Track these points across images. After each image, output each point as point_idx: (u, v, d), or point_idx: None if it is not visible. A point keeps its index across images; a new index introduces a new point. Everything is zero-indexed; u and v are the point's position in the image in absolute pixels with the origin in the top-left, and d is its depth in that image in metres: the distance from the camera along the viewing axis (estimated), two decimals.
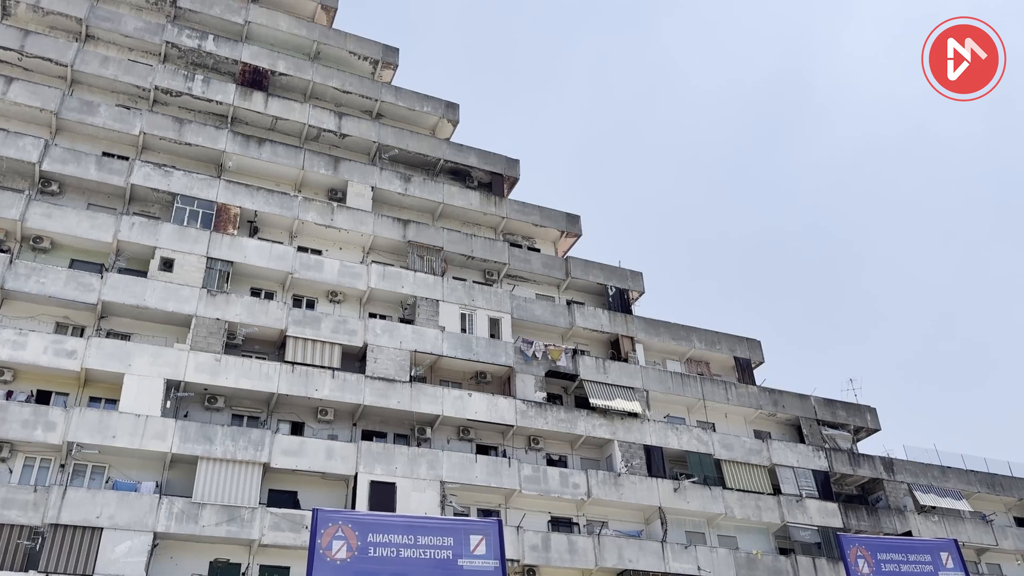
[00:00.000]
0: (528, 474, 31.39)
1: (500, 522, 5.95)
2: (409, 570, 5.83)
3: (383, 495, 28.37)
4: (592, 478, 32.31)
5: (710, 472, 34.86)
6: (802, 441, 38.33)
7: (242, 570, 26.29)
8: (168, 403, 27.90)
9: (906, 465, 39.69)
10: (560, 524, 31.92)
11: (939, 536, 35.40)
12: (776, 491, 35.59)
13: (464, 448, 32.15)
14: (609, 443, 34.12)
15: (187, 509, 25.81)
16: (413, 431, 31.48)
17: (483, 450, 32.52)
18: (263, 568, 26.64)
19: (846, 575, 6.13)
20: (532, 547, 29.51)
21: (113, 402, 27.59)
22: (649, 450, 34.39)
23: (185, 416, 28.36)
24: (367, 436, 30.92)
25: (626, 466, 33.44)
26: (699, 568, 31.53)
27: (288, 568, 26.53)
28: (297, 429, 30.10)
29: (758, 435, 38.21)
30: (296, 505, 27.85)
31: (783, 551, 34.55)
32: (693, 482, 34.02)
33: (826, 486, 36.71)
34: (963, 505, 38.99)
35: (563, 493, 31.62)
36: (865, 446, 41.00)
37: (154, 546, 25.22)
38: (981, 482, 40.98)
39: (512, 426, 32.47)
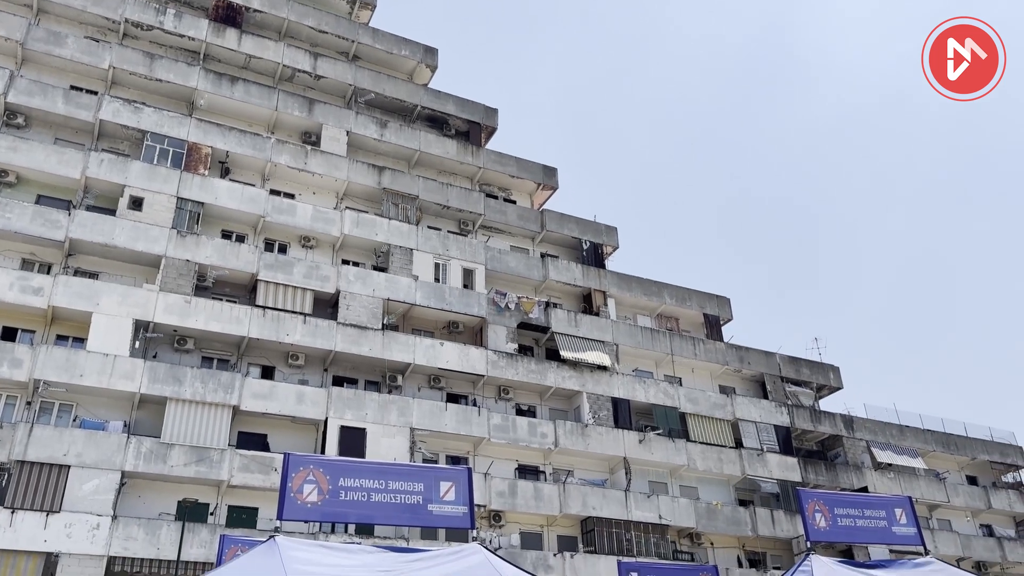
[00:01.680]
0: (497, 423, 31.79)
1: (470, 470, 6.12)
2: (379, 514, 5.98)
3: (353, 440, 28.62)
4: (560, 428, 32.81)
5: (675, 425, 35.54)
6: (766, 397, 39.14)
7: (211, 510, 26.51)
8: (137, 343, 27.70)
9: (865, 423, 40.78)
10: (527, 472, 32.49)
11: (894, 492, 36.60)
12: (738, 445, 36.44)
13: (435, 396, 32.41)
14: (578, 395, 34.60)
15: (155, 449, 25.85)
16: (384, 378, 31.62)
17: (453, 399, 32.82)
18: (232, 508, 26.88)
19: (803, 527, 6.44)
20: (499, 493, 30.07)
21: (81, 341, 27.35)
22: (616, 402, 34.94)
23: (154, 357, 28.22)
24: (338, 382, 31.02)
25: (593, 417, 33.97)
26: (660, 517, 32.34)
27: (257, 509, 26.80)
28: (267, 373, 30.10)
29: (723, 390, 38.95)
30: (266, 448, 28.02)
31: (743, 502, 35.56)
32: (658, 434, 34.69)
33: (787, 441, 37.65)
34: (918, 463, 40.25)
35: (531, 442, 32.11)
36: (827, 403, 42.03)
37: (122, 484, 25.30)
38: (937, 441, 42.28)
39: (483, 376, 32.75)
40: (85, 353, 26.50)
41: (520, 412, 33.99)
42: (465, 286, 34.88)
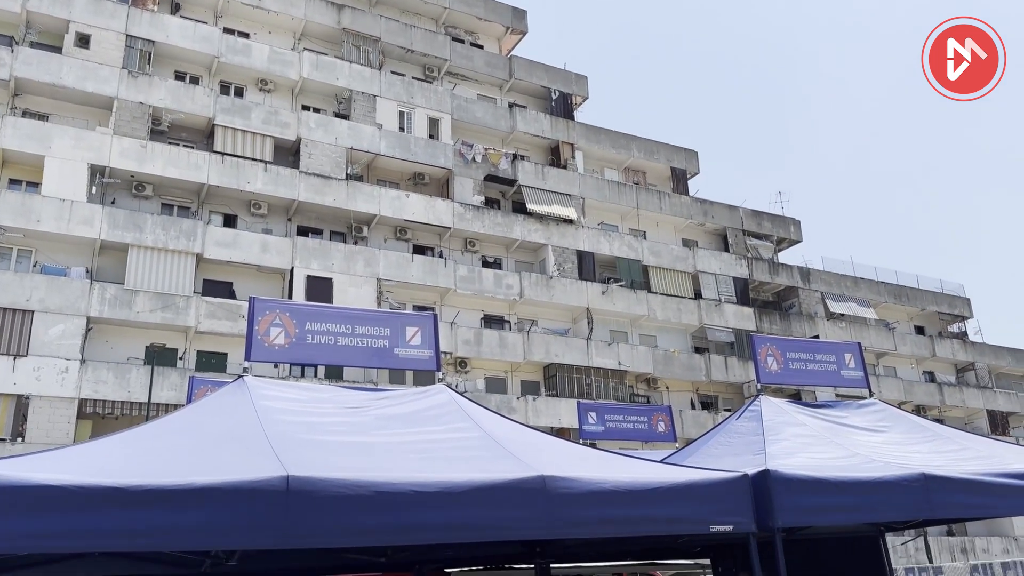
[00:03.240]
0: (463, 274, 32.09)
1: (435, 316, 6.21)
2: (346, 357, 6.09)
3: (320, 289, 28.79)
4: (525, 280, 33.27)
5: (637, 277, 36.24)
6: (727, 250, 39.85)
7: (179, 355, 26.87)
8: (94, 189, 27.03)
9: (821, 275, 41.98)
10: (492, 322, 33.19)
11: (845, 340, 38.24)
12: (697, 296, 37.43)
13: (401, 248, 32.43)
14: (543, 247, 34.86)
15: (120, 295, 25.81)
16: (350, 229, 31.46)
17: (420, 250, 32.88)
18: (200, 354, 27.27)
19: (755, 372, 6.71)
20: (465, 341, 30.81)
21: (35, 185, 26.59)
22: (581, 255, 35.35)
23: (112, 203, 27.63)
24: (303, 232, 30.81)
25: (558, 270, 34.43)
26: (620, 363, 33.56)
27: (226, 355, 27.23)
28: (230, 222, 29.73)
29: (686, 244, 39.53)
30: (232, 295, 28.12)
31: (698, 350, 36.94)
32: (621, 286, 35.40)
33: (744, 293, 38.74)
34: (870, 313, 41.85)
35: (496, 293, 32.60)
36: (786, 256, 43.02)
37: (88, 330, 25.41)
38: (889, 293, 43.86)
39: (449, 228, 32.72)
40: (40, 198, 25.84)
41: (486, 264, 34.28)
42: (431, 136, 34.17)
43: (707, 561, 10.93)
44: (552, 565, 9.16)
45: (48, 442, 22.24)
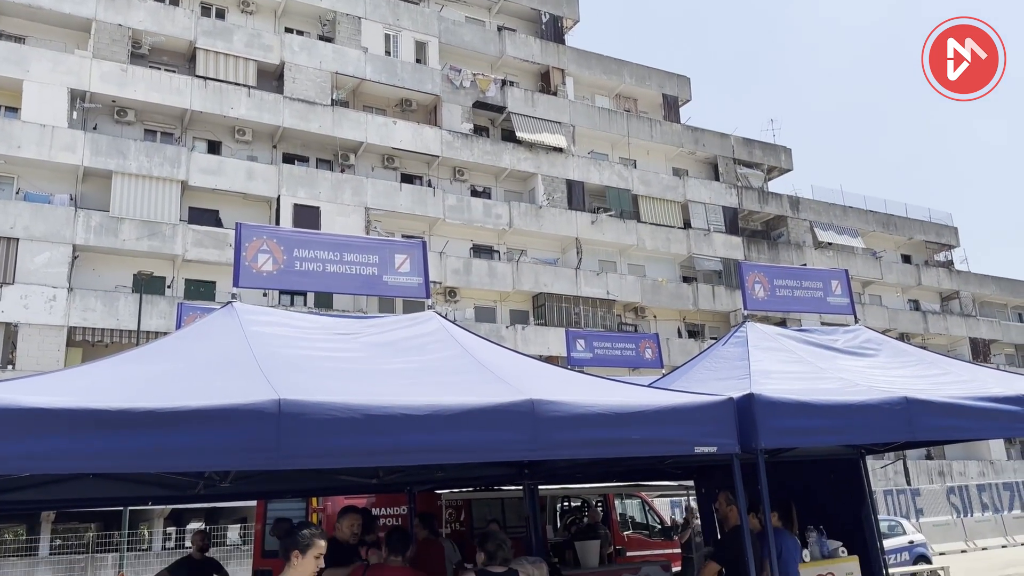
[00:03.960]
0: (452, 204, 31.88)
1: (424, 243, 6.16)
2: (335, 284, 6.05)
3: (307, 218, 28.58)
4: (514, 209, 33.11)
5: (627, 207, 36.11)
6: (717, 179, 39.67)
7: (168, 283, 26.80)
8: (74, 114, 26.49)
9: (811, 204, 41.96)
10: (481, 251, 33.15)
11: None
12: (686, 225, 37.41)
13: (389, 176, 32.10)
14: (533, 176, 34.59)
15: (105, 223, 25.57)
16: (336, 157, 31.05)
17: (408, 179, 32.57)
18: (189, 282, 27.21)
19: (742, 299, 6.73)
20: (454, 271, 30.82)
21: (14, 111, 26.03)
22: (571, 184, 35.12)
23: (94, 129, 27.11)
24: (288, 160, 30.40)
25: (548, 199, 34.24)
26: (608, 292, 33.73)
27: (214, 283, 27.17)
28: (214, 148, 29.29)
29: (676, 173, 39.29)
30: (218, 224, 27.89)
31: (686, 279, 37.14)
32: (610, 215, 35.31)
33: (733, 222, 38.75)
34: (858, 242, 42.04)
35: (485, 223, 32.46)
36: (776, 185, 42.90)
37: (74, 258, 25.25)
38: (877, 222, 43.97)
39: (437, 156, 32.35)
40: (20, 123, 25.32)
41: (475, 194, 34.03)
42: (418, 61, 33.47)
43: (691, 483, 11.21)
44: (540, 487, 9.38)
45: (38, 369, 22.29)
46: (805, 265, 39.17)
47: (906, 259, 45.56)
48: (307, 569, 3.79)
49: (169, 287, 26.73)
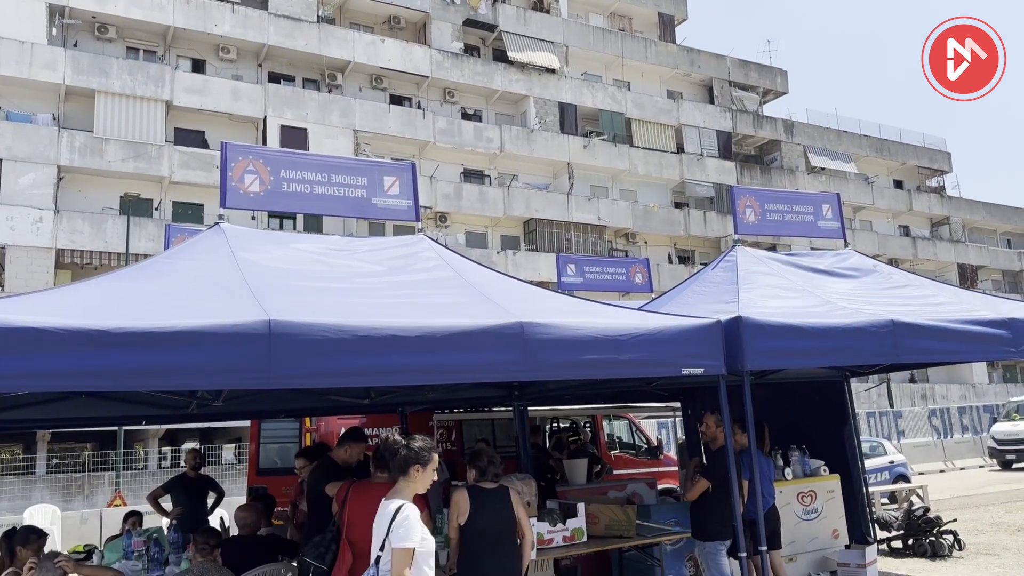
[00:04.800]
0: (442, 126, 31.41)
1: (414, 165, 6.08)
2: (323, 206, 5.98)
3: (294, 140, 28.15)
4: (506, 133, 32.66)
5: (620, 130, 35.68)
6: (711, 102, 39.13)
7: (155, 206, 26.55)
8: (54, 31, 25.72)
9: (805, 128, 41.57)
10: (472, 176, 32.84)
11: None
12: (680, 150, 37.08)
13: (377, 97, 31.50)
14: (525, 99, 34.01)
15: (90, 143, 25.15)
16: (323, 77, 30.39)
17: (397, 101, 31.98)
18: (177, 204, 26.95)
19: (733, 223, 6.71)
20: (445, 196, 30.58)
21: None
22: (563, 107, 34.58)
23: (75, 46, 26.38)
24: (274, 79, 29.74)
25: (540, 122, 33.77)
26: (599, 218, 33.63)
27: (202, 205, 26.93)
28: (199, 68, 28.59)
29: (670, 95, 38.71)
30: (204, 145, 27.47)
31: (678, 205, 37.01)
32: (603, 139, 34.91)
33: (727, 146, 38.41)
34: (851, 167, 41.84)
35: (476, 146, 32.07)
36: (771, 109, 42.39)
37: (59, 179, 24.92)
38: (871, 146, 43.69)
39: (427, 77, 31.70)
40: None
41: (466, 116, 33.50)
42: None
43: (677, 404, 11.43)
44: (530, 408, 9.53)
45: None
46: (797, 191, 39.07)
47: (898, 184, 45.47)
48: (426, 481, 3.97)
49: (157, 209, 26.49)
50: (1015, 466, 22.15)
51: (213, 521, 8.36)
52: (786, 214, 7.71)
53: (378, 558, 3.73)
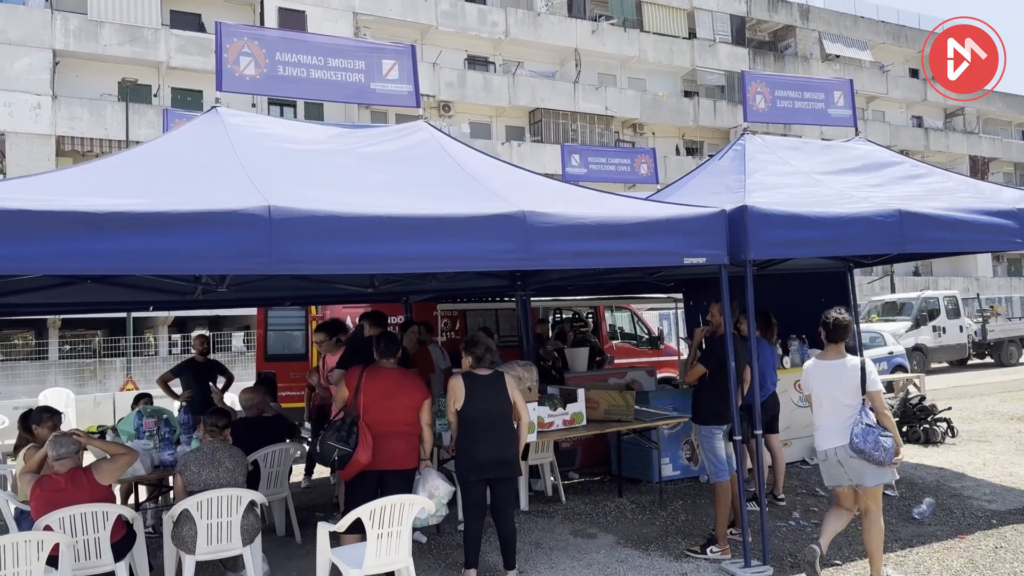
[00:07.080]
0: (445, 9, 30.35)
1: (413, 47, 5.87)
2: (320, 91, 5.83)
3: (292, 24, 27.29)
4: (511, 16, 31.58)
5: (630, 14, 34.46)
6: None
7: (154, 92, 26.04)
8: None
9: (821, 13, 40.11)
10: (476, 63, 31.96)
11: None
12: (691, 36, 35.90)
13: None
14: None
15: (85, 27, 24.45)
16: None
17: None
18: (175, 91, 26.44)
19: (743, 110, 6.56)
20: (448, 84, 29.87)
21: None
22: None
23: None
24: None
25: (546, 5, 32.58)
26: (607, 108, 32.92)
27: (201, 92, 26.41)
28: None
29: None
30: (201, 29, 26.70)
31: (688, 94, 36.15)
32: (612, 24, 33.76)
33: (740, 32, 37.16)
34: (866, 55, 40.57)
35: (481, 31, 31.07)
36: None
37: (56, 64, 24.36)
38: (888, 33, 42.24)
39: None
40: None
41: None
42: None
43: (680, 296, 11.49)
44: (532, 299, 9.59)
45: None
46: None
47: (913, 73, 44.20)
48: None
49: (155, 96, 25.99)
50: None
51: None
52: (797, 101, 7.50)
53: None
